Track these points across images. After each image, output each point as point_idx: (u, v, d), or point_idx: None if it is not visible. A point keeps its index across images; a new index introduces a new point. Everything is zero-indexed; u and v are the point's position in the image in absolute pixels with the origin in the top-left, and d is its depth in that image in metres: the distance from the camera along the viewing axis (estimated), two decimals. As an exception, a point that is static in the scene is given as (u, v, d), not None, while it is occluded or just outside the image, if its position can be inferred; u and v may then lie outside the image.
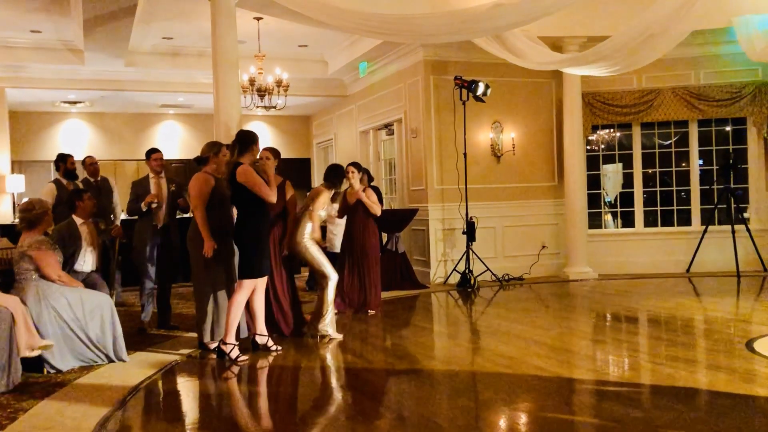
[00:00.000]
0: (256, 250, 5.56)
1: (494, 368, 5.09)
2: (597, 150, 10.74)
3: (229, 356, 5.45)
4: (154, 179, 6.85)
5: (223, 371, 5.27)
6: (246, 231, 5.55)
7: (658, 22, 5.88)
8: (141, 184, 6.90)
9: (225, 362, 5.41)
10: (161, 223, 6.71)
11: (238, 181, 5.43)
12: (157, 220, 6.69)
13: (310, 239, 6.33)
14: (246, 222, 5.55)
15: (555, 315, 7.46)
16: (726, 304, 7.72)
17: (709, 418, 3.77)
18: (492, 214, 9.92)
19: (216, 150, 5.83)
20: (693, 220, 10.35)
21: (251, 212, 5.53)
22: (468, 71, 9.52)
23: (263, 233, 5.68)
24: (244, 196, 5.47)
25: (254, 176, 5.47)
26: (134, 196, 6.82)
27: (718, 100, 9.97)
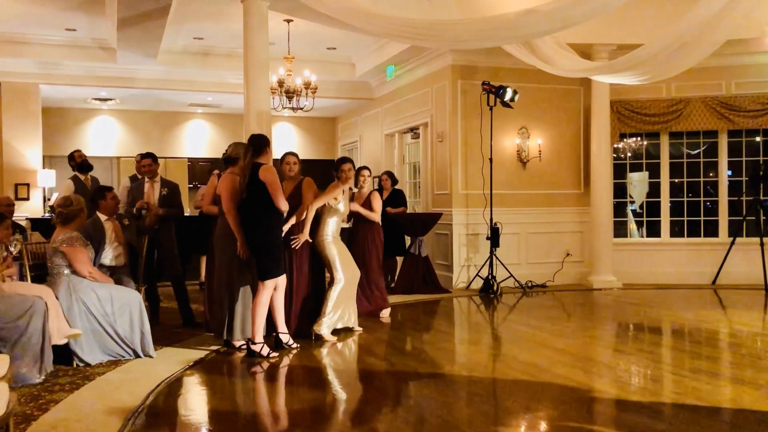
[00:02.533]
0: (274, 251, 5.64)
1: (516, 375, 5.09)
2: (624, 158, 10.66)
3: (260, 354, 5.54)
4: (149, 183, 6.97)
5: (251, 368, 5.33)
6: (262, 231, 5.60)
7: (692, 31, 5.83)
8: (137, 188, 7.03)
9: (255, 360, 5.48)
10: (151, 226, 6.77)
11: (260, 179, 5.49)
12: (148, 223, 6.76)
13: (333, 237, 6.39)
14: (261, 222, 5.60)
15: (578, 324, 7.43)
16: (753, 317, 7.62)
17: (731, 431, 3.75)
18: (516, 220, 9.89)
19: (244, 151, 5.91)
20: (720, 232, 10.22)
21: (268, 213, 5.58)
22: (495, 76, 9.51)
23: (279, 233, 5.74)
24: (262, 196, 5.53)
25: (276, 178, 5.56)
26: (130, 198, 6.96)
27: (749, 110, 9.84)
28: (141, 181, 7.16)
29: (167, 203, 6.93)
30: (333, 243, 6.42)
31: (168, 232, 6.94)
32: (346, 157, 6.89)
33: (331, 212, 6.43)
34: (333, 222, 6.43)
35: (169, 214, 6.91)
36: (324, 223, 6.41)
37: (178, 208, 7.06)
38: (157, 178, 7.03)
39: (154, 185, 6.98)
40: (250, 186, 5.57)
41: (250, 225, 5.65)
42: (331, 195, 6.42)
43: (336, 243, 6.45)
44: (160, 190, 6.93)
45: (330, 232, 6.43)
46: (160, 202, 6.89)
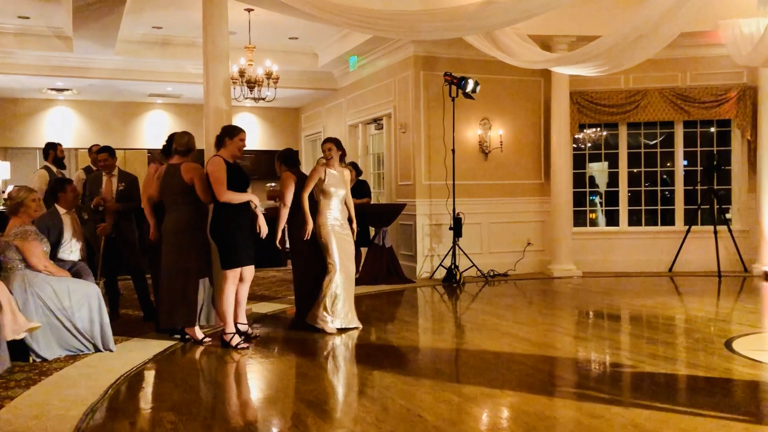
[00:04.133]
0: (236, 240, 5.61)
1: (478, 363, 5.17)
2: (584, 149, 10.83)
3: (230, 344, 5.55)
4: (106, 177, 6.84)
5: (214, 359, 5.30)
6: (224, 222, 5.58)
7: (648, 24, 5.95)
8: (94, 180, 6.89)
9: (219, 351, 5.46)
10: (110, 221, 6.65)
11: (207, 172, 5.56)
12: (107, 219, 6.64)
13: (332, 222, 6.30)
14: (223, 213, 5.59)
15: (539, 311, 7.55)
16: (707, 303, 7.84)
17: (687, 414, 3.85)
18: (479, 210, 9.99)
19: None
20: (676, 220, 10.48)
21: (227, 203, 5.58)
22: (458, 68, 9.57)
23: (240, 222, 5.70)
24: None
25: (222, 171, 5.51)
26: (88, 192, 6.80)
27: (703, 101, 10.09)
28: (98, 173, 7.02)
29: (125, 198, 6.80)
30: (332, 229, 6.31)
31: (128, 225, 6.83)
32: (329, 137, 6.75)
33: (325, 195, 6.34)
34: (329, 206, 6.32)
35: (127, 208, 6.80)
36: (321, 207, 6.34)
37: (136, 201, 6.95)
38: (115, 172, 6.90)
39: (112, 179, 6.84)
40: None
41: (215, 215, 5.64)
42: (313, 179, 6.33)
43: (336, 230, 6.33)
44: (117, 185, 6.80)
45: (329, 217, 6.32)
46: (118, 197, 6.77)
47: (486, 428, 3.82)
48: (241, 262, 5.72)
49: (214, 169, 5.56)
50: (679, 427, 3.59)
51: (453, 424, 3.75)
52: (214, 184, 5.54)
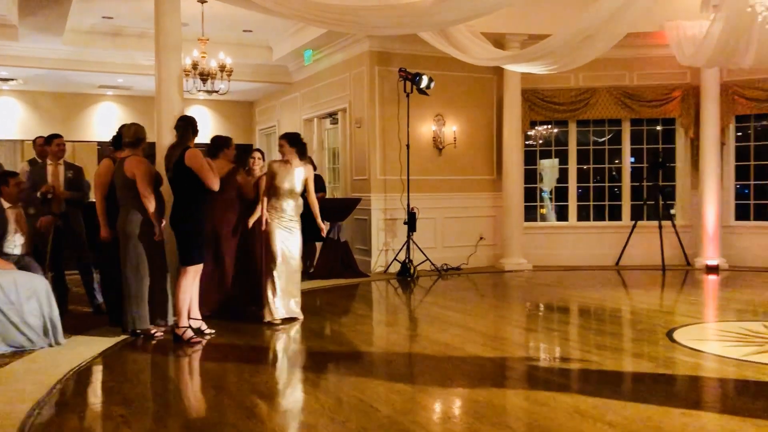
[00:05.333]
0: (199, 236, 5.60)
1: (430, 354, 5.25)
2: (535, 145, 11.05)
3: (184, 339, 5.52)
4: (52, 165, 6.66)
5: (165, 353, 5.25)
6: (189, 217, 5.53)
7: (595, 24, 6.12)
8: (38, 171, 6.71)
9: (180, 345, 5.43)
10: (59, 211, 6.54)
11: (186, 165, 5.42)
12: (55, 208, 6.52)
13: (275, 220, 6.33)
14: (189, 207, 5.53)
15: (490, 304, 7.70)
16: (651, 296, 8.11)
17: (630, 402, 4.00)
18: (433, 205, 10.10)
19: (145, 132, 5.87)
20: (623, 216, 10.79)
21: (195, 198, 5.53)
22: (413, 64, 9.64)
23: (203, 218, 5.70)
24: (189, 181, 5.46)
25: (203, 161, 5.50)
26: (31, 183, 6.58)
27: (649, 100, 10.40)
28: (42, 164, 6.84)
29: (74, 186, 6.67)
30: (277, 225, 6.32)
31: (76, 218, 6.69)
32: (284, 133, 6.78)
33: (273, 191, 6.34)
34: (276, 201, 6.34)
35: (76, 197, 6.66)
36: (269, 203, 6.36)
37: (82, 192, 6.82)
38: (61, 161, 6.75)
39: (59, 168, 6.69)
40: (176, 168, 5.48)
41: (175, 209, 5.57)
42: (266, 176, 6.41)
43: (281, 225, 6.33)
44: (65, 173, 6.66)
45: (277, 214, 6.33)
46: (66, 185, 6.63)
47: (437, 417, 3.90)
48: (203, 258, 5.71)
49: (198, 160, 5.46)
50: (621, 414, 3.73)
51: (405, 414, 3.82)
52: (204, 174, 5.45)
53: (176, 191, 5.60)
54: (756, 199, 10.31)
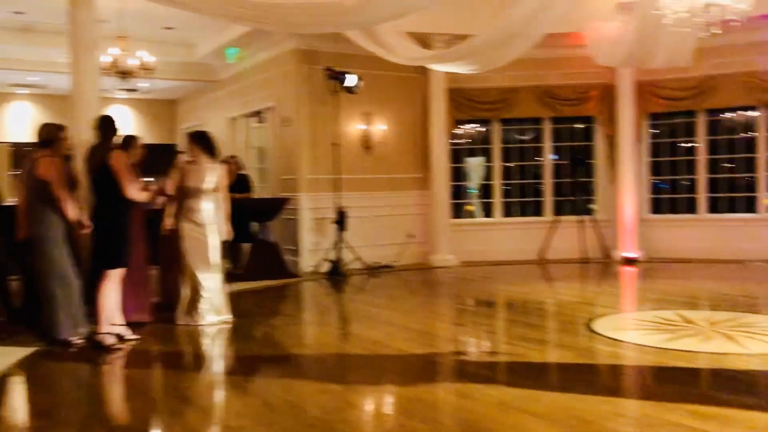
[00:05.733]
0: (122, 239, 5.44)
1: (361, 352, 5.27)
2: (462, 144, 11.23)
3: (105, 345, 5.34)
4: None
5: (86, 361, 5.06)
6: (111, 219, 5.36)
7: (515, 25, 6.27)
8: None
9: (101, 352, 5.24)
10: None
11: (110, 165, 5.26)
12: None
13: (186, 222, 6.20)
14: (111, 209, 5.37)
15: (420, 300, 7.79)
16: (573, 288, 8.40)
17: (553, 391, 4.13)
18: (362, 203, 10.11)
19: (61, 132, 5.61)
20: (546, 211, 11.11)
21: (117, 199, 5.36)
22: (340, 62, 9.62)
23: (127, 221, 5.54)
24: (112, 182, 5.30)
25: (127, 165, 5.36)
26: None
27: (569, 99, 10.74)
28: None
29: None
30: (188, 227, 6.19)
31: None
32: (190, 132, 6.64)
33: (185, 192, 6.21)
34: (188, 203, 6.20)
35: None
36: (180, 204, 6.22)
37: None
38: None
39: None
40: (99, 169, 5.31)
41: (97, 211, 5.38)
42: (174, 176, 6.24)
43: (193, 227, 6.20)
44: None
45: (190, 215, 6.19)
46: None
47: (367, 416, 3.92)
48: (125, 262, 5.54)
49: (121, 162, 5.31)
50: (545, 404, 3.85)
51: (334, 413, 3.82)
52: (123, 178, 5.29)
53: (98, 193, 5.42)
54: (670, 194, 10.82)
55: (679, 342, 5.23)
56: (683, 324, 5.84)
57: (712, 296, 7.47)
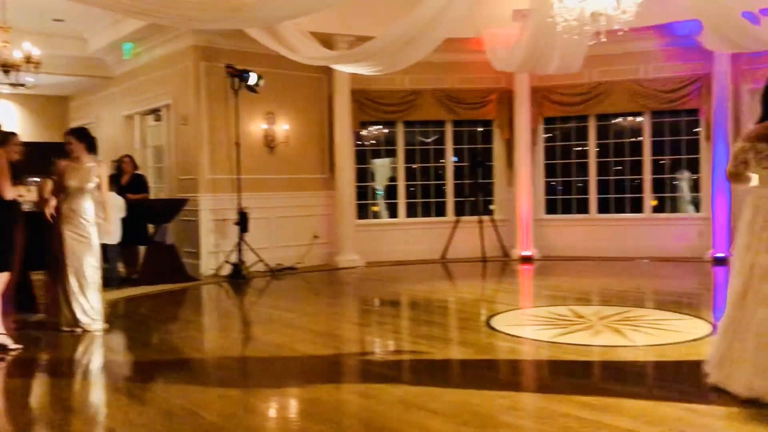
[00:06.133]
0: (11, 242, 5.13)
1: (263, 357, 5.19)
2: (367, 145, 11.28)
3: None
4: None
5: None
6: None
7: (415, 28, 6.36)
8: None
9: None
10: None
11: None
12: None
13: (65, 224, 5.90)
14: None
15: (324, 302, 7.75)
16: (473, 286, 8.61)
17: (454, 388, 4.21)
18: (265, 204, 9.95)
19: None
20: (448, 212, 11.34)
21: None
22: (241, 60, 9.43)
23: (11, 224, 5.20)
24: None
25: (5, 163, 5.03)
26: None
27: (469, 103, 11.02)
28: None
29: None
30: (67, 229, 5.88)
31: None
32: (70, 129, 6.33)
33: (65, 192, 5.91)
34: (70, 204, 5.89)
35: None
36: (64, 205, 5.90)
37: None
38: None
39: None
40: None
41: None
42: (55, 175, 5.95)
43: (72, 230, 5.89)
44: None
45: (70, 216, 5.88)
46: None
47: (267, 420, 3.84)
48: (11, 266, 5.19)
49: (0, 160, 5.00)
50: (444, 400, 3.90)
51: (232, 418, 3.71)
52: None
53: None
54: (562, 195, 11.31)
55: (571, 336, 5.45)
56: (575, 319, 6.10)
57: (601, 292, 7.85)
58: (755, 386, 3.65)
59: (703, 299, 7.42)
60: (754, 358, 3.70)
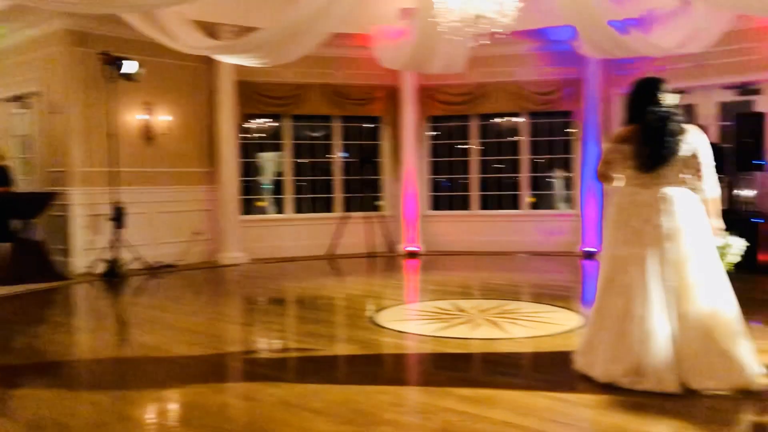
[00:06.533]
0: None
1: (139, 360, 4.95)
2: (253, 138, 11.04)
3: None
4: None
5: None
6: None
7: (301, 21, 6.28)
8: None
9: None
10: None
11: None
12: None
13: None
14: None
15: (205, 301, 7.50)
16: (360, 282, 8.64)
17: (335, 386, 4.18)
18: (144, 199, 9.50)
19: None
20: (336, 207, 11.33)
21: None
22: (118, 47, 8.93)
23: None
24: None
25: None
26: None
27: (356, 99, 11.04)
28: None
29: None
30: None
31: None
32: None
33: None
34: None
35: None
36: None
37: None
38: None
39: None
40: None
41: None
42: None
43: None
44: None
45: None
46: None
47: (139, 427, 3.65)
48: None
49: None
50: (325, 399, 3.88)
51: (100, 427, 3.51)
52: None
53: None
54: (447, 191, 11.59)
55: (452, 330, 5.60)
56: (457, 313, 6.27)
57: (482, 286, 8.12)
58: (611, 371, 3.94)
59: (575, 292, 7.85)
60: (610, 345, 3.99)
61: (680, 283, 3.89)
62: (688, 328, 3.85)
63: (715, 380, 3.79)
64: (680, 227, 3.93)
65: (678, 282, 3.89)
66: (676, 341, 3.85)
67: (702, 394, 3.75)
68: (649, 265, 3.93)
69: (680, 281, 3.89)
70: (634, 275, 3.96)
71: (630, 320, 3.92)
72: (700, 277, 3.91)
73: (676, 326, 3.86)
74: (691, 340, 3.83)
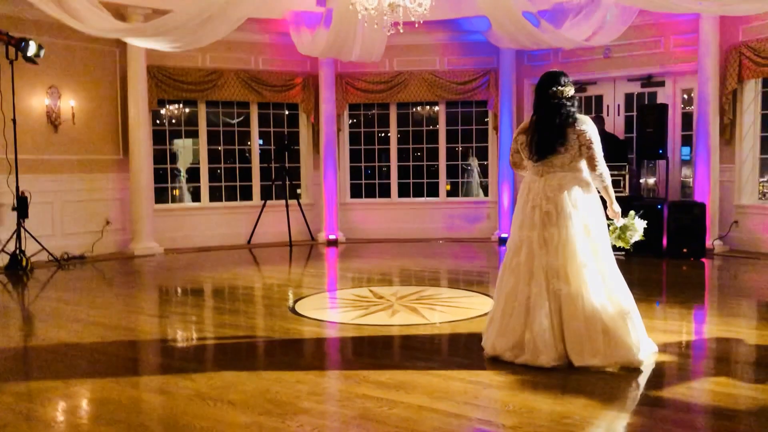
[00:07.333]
0: None
1: (45, 356, 4.74)
2: (167, 124, 10.71)
3: None
4: None
5: None
6: None
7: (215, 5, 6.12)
8: None
9: None
10: None
11: None
12: None
13: None
14: None
15: (117, 293, 7.24)
16: (279, 271, 8.57)
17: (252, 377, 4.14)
18: (49, 188, 9.06)
19: None
20: (254, 195, 11.17)
21: None
22: (18, 27, 8.44)
23: None
24: None
25: None
26: None
27: (274, 85, 10.88)
28: None
29: None
30: None
31: None
32: None
33: None
34: None
35: None
36: None
37: None
38: None
39: None
40: None
41: None
42: None
43: None
44: None
45: None
46: None
47: (45, 426, 3.50)
48: None
49: None
50: (242, 390, 3.83)
51: (2, 427, 3.34)
52: None
53: None
54: (366, 179, 11.64)
55: (371, 317, 5.64)
56: (375, 300, 6.33)
57: (401, 273, 8.21)
58: (497, 345, 4.24)
59: (490, 277, 8.06)
60: (499, 320, 4.28)
61: (566, 265, 4.09)
62: (573, 307, 4.07)
63: (599, 358, 4.02)
64: (566, 212, 4.15)
65: (563, 263, 4.10)
66: (560, 320, 4.07)
67: (601, 372, 3.96)
68: (535, 247, 4.17)
69: (566, 263, 4.10)
70: (522, 257, 4.23)
71: (514, 298, 4.19)
72: (586, 259, 4.13)
73: (561, 305, 4.07)
74: (576, 319, 4.07)
